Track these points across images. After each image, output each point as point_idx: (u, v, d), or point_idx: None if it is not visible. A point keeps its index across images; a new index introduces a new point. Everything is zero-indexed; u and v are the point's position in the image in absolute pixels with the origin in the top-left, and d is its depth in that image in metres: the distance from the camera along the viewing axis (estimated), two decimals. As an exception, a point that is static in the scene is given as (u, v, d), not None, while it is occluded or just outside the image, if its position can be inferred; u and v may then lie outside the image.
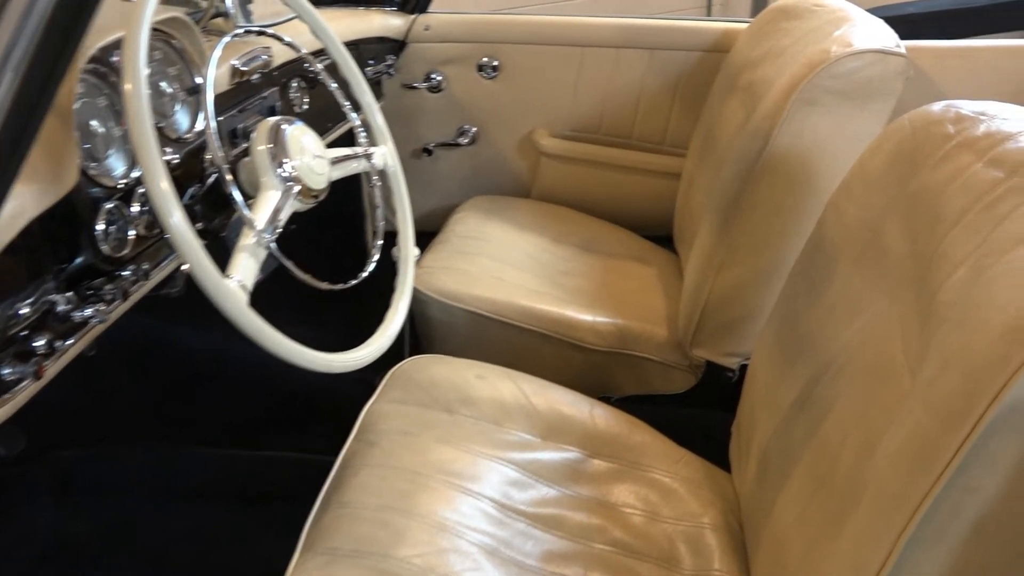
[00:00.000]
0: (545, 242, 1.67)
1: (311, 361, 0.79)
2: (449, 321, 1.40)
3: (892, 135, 0.94)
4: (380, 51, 1.70)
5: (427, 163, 1.91)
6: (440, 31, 1.75)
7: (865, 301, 0.90)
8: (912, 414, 0.66)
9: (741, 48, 1.54)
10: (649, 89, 1.74)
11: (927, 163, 0.87)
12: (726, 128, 1.44)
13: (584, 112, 1.79)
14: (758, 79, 1.36)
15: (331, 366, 0.82)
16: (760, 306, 1.29)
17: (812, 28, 1.32)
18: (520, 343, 1.40)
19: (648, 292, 1.55)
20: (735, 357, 1.35)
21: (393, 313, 0.99)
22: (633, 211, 1.84)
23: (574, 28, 1.72)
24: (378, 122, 1.10)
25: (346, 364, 0.85)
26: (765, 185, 1.20)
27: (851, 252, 0.94)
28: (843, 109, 1.15)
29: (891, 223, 0.89)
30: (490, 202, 1.80)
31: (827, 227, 1.00)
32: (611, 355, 1.40)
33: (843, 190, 0.99)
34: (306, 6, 1.00)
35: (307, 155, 0.88)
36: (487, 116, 1.84)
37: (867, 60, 1.13)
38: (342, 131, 1.53)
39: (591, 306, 1.44)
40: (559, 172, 1.84)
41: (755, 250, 1.25)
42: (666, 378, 1.41)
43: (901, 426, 0.67)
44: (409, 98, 1.83)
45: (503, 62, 1.77)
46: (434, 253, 1.54)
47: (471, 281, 1.43)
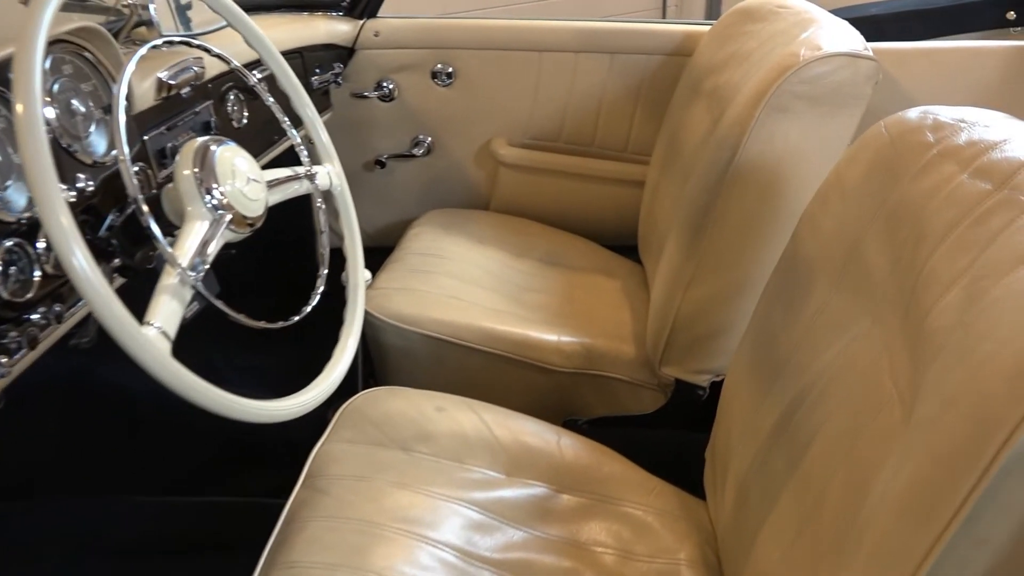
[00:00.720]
0: (506, 257, 1.59)
1: (246, 412, 0.71)
2: (406, 347, 1.33)
3: (869, 143, 0.89)
4: (327, 59, 1.61)
5: (380, 176, 1.83)
6: (391, 37, 1.67)
7: (846, 321, 0.84)
8: (912, 458, 0.60)
9: (704, 52, 1.49)
10: (610, 95, 1.68)
11: (907, 173, 0.81)
12: (691, 135, 1.39)
13: (543, 120, 1.73)
14: (723, 84, 1.31)
15: (269, 416, 0.74)
16: (731, 321, 1.23)
17: (778, 31, 1.27)
18: (482, 367, 1.32)
19: (614, 307, 1.49)
20: (706, 374, 1.29)
21: (341, 351, 0.90)
22: (596, 221, 1.78)
23: (531, 32, 1.65)
24: (322, 139, 1.02)
25: (285, 412, 0.77)
26: (735, 195, 1.14)
27: (829, 268, 0.89)
28: (813, 115, 1.10)
29: (871, 238, 0.83)
30: (447, 215, 1.72)
31: (803, 241, 0.95)
32: (577, 376, 1.33)
33: (819, 202, 0.94)
34: (237, 12, 0.92)
35: (239, 179, 0.80)
36: (442, 125, 1.76)
37: (837, 64, 1.08)
38: (287, 146, 1.44)
39: (555, 325, 1.37)
40: (519, 182, 1.77)
41: (725, 264, 1.19)
42: (635, 398, 1.35)
43: (900, 470, 0.61)
44: (359, 108, 1.75)
45: (458, 69, 1.70)
46: (388, 273, 1.46)
47: (428, 303, 1.35)
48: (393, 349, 1.34)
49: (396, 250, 1.58)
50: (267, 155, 1.39)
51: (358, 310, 0.95)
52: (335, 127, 1.76)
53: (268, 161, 1.43)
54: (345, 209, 1.01)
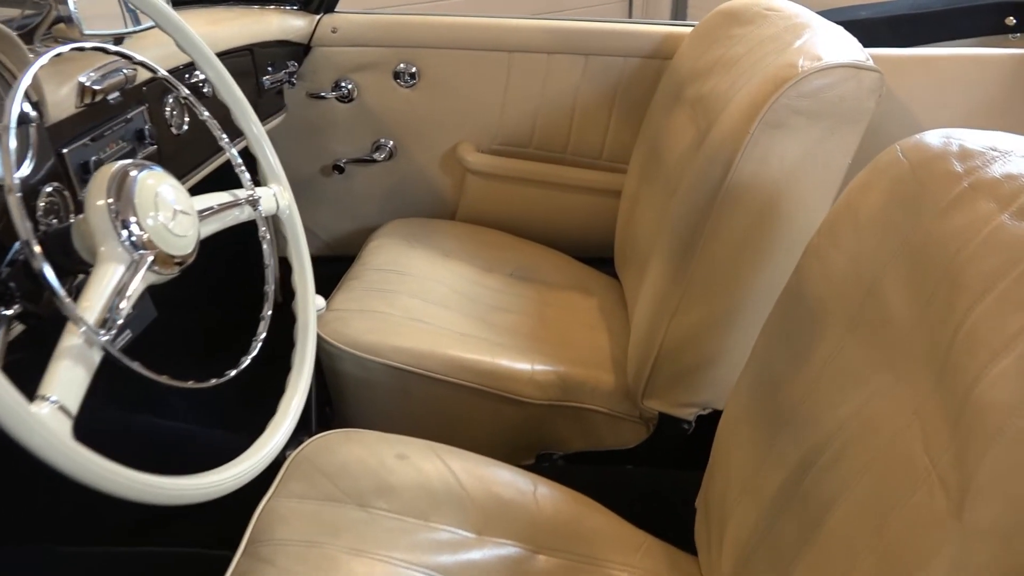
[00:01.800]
0: (474, 272, 1.48)
1: (163, 494, 0.59)
2: (365, 377, 1.21)
3: (884, 170, 0.79)
4: (280, 57, 1.48)
5: (339, 181, 1.70)
6: (349, 33, 1.54)
7: (863, 372, 0.75)
8: (967, 566, 0.51)
9: (686, 55, 1.39)
10: (584, 99, 1.58)
11: (932, 208, 0.72)
12: (674, 145, 1.29)
13: (513, 124, 1.61)
14: (708, 92, 1.21)
15: (193, 495, 0.63)
16: (721, 352, 1.14)
17: (767, 36, 1.17)
18: (449, 399, 1.21)
19: (590, 328, 1.39)
20: (692, 408, 1.20)
21: (288, 403, 0.79)
22: (569, 232, 1.68)
23: (500, 31, 1.53)
24: (268, 157, 0.90)
25: (215, 489, 0.65)
26: (726, 218, 1.04)
27: (842, 311, 0.79)
28: (812, 132, 1.00)
29: (891, 279, 0.74)
30: (410, 226, 1.60)
31: (809, 278, 0.85)
32: (553, 408, 1.22)
33: (827, 234, 0.84)
34: (164, 10, 0.79)
35: (164, 211, 0.67)
36: (405, 129, 1.64)
37: (839, 76, 0.98)
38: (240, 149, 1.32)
39: (528, 351, 1.26)
40: (487, 190, 1.66)
41: (715, 291, 1.09)
42: (615, 431, 1.25)
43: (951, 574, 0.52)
44: (316, 109, 1.62)
45: (422, 68, 1.58)
46: (346, 292, 1.34)
47: (389, 328, 1.23)
48: (351, 379, 1.22)
49: (354, 265, 1.45)
50: (215, 161, 1.26)
51: (307, 353, 0.83)
52: (290, 129, 1.64)
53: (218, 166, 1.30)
54: (294, 236, 0.89)
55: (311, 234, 1.77)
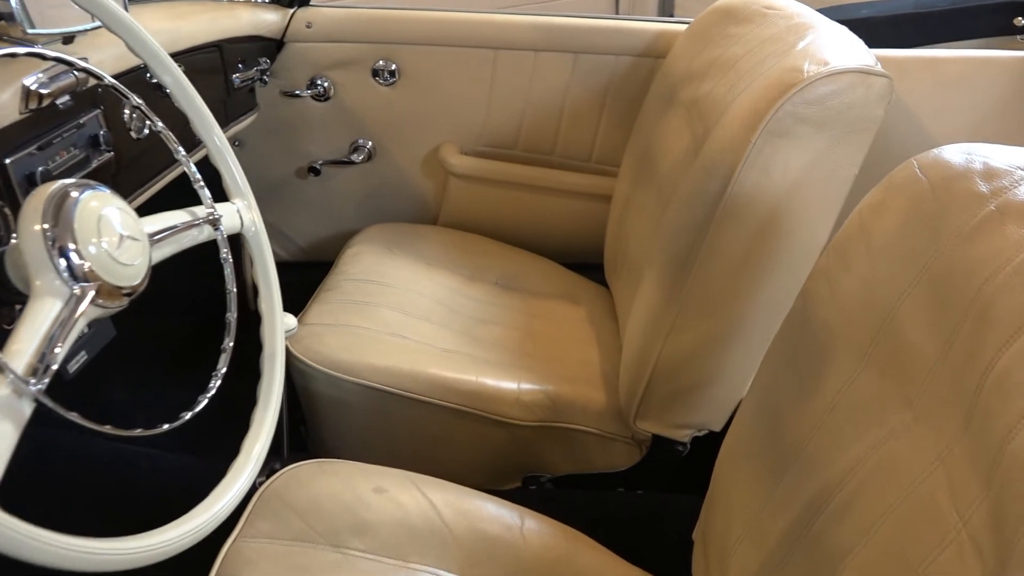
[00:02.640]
0: (456, 281, 1.41)
1: (93, 560, 0.52)
2: (340, 397, 1.14)
3: (901, 189, 0.73)
4: (251, 53, 1.40)
5: (314, 184, 1.62)
6: (325, 29, 1.46)
7: (879, 410, 0.69)
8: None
9: (680, 55, 1.32)
10: (573, 99, 1.51)
11: (955, 232, 0.66)
12: (668, 150, 1.22)
13: (498, 125, 1.54)
14: (705, 96, 1.14)
15: (132, 561, 0.56)
16: (718, 371, 1.08)
17: (768, 37, 1.11)
18: (431, 421, 1.14)
19: (579, 341, 1.32)
20: (687, 429, 1.14)
21: (251, 444, 0.72)
22: (556, 238, 1.61)
23: (485, 27, 1.46)
24: (232, 170, 0.82)
25: (162, 551, 0.58)
26: (726, 232, 0.98)
27: (854, 341, 0.73)
28: (818, 141, 0.94)
29: (910, 309, 0.68)
30: (390, 232, 1.53)
31: (817, 302, 0.79)
32: (540, 429, 1.16)
33: (837, 256, 0.78)
34: (109, 6, 0.71)
35: (109, 236, 0.60)
36: (385, 129, 1.56)
37: (847, 82, 0.92)
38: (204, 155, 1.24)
39: (514, 367, 1.19)
40: (470, 194, 1.59)
41: (713, 309, 1.03)
42: (606, 453, 1.19)
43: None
44: (290, 108, 1.54)
45: (402, 66, 1.50)
46: (320, 305, 1.26)
47: (366, 344, 1.16)
48: (326, 399, 1.15)
49: (331, 274, 1.38)
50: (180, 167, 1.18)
51: (275, 387, 0.76)
52: (262, 129, 1.56)
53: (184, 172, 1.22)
54: (260, 256, 0.82)
55: (286, 238, 1.69)
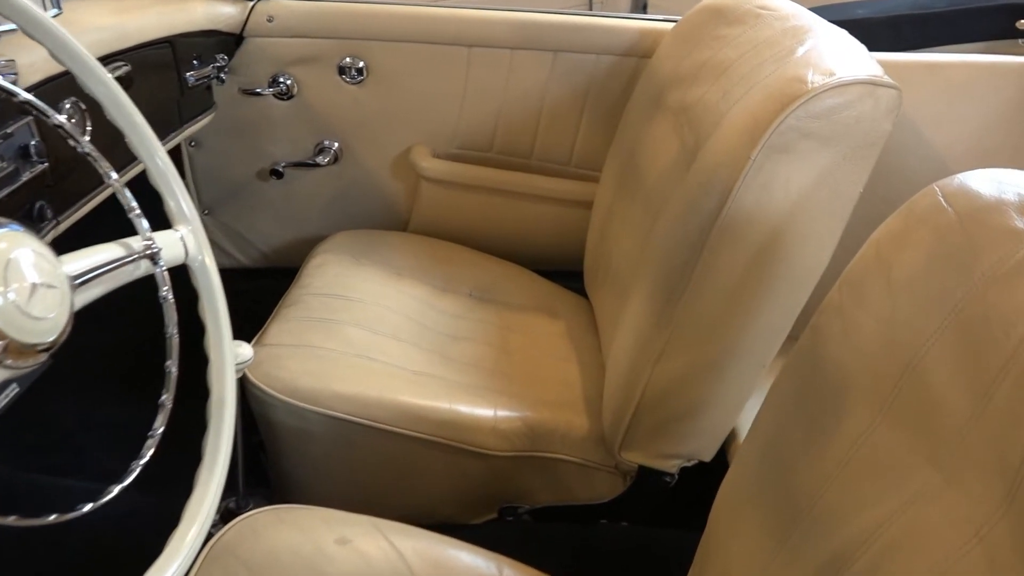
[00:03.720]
0: (428, 293, 1.33)
1: None
2: (303, 428, 1.05)
3: (923, 219, 0.66)
4: (207, 48, 1.29)
5: (277, 187, 1.52)
6: (287, 23, 1.36)
7: (903, 467, 0.62)
8: None
9: (666, 55, 1.24)
10: (552, 99, 1.42)
11: (990, 273, 0.59)
12: (655, 158, 1.14)
13: (473, 126, 1.46)
14: (695, 102, 1.07)
15: None
16: (710, 400, 1.01)
17: (763, 40, 1.03)
18: (401, 452, 1.06)
19: (559, 359, 1.25)
20: (675, 460, 1.07)
21: (195, 508, 0.63)
22: (533, 245, 1.53)
23: (458, 23, 1.37)
24: (175, 194, 0.72)
25: None
26: (722, 254, 0.90)
27: (872, 387, 0.66)
28: (823, 157, 0.87)
29: (938, 358, 0.61)
30: (357, 239, 1.44)
31: (828, 340, 0.72)
32: (518, 459, 1.08)
33: (851, 291, 0.71)
34: (24, 7, 0.61)
35: (18, 284, 0.51)
36: (352, 130, 1.47)
37: (855, 94, 0.85)
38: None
39: (491, 391, 1.11)
40: (443, 199, 1.50)
41: (706, 334, 0.96)
42: (588, 484, 1.11)
43: None
44: (251, 106, 1.44)
45: (370, 63, 1.40)
46: (281, 323, 1.17)
47: (330, 369, 1.07)
48: (286, 429, 1.06)
49: (293, 287, 1.29)
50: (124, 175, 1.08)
51: (223, 440, 0.67)
52: (221, 129, 1.45)
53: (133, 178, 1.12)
54: (208, 289, 0.72)
55: (248, 243, 1.59)
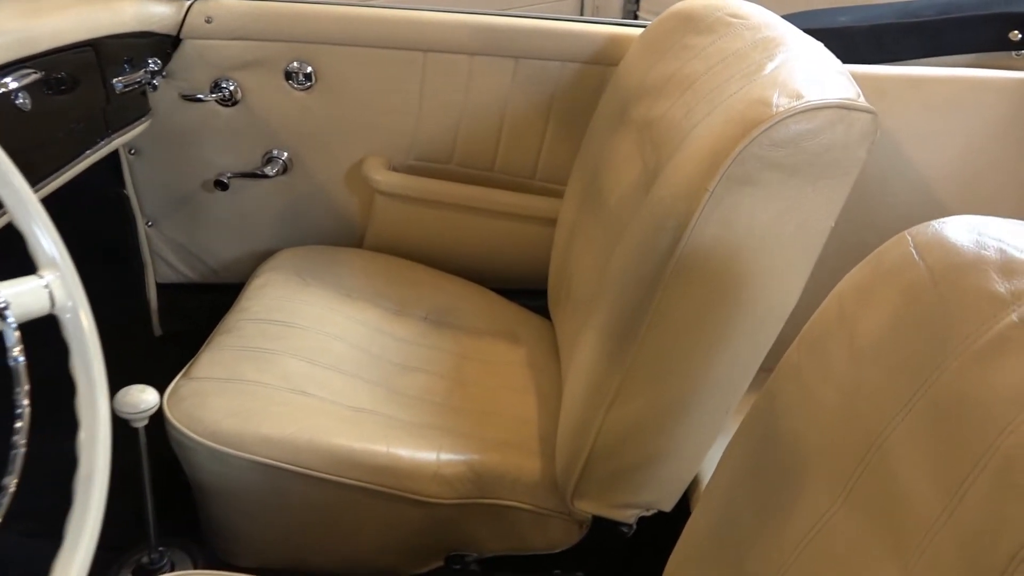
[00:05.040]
0: (380, 317, 1.24)
1: None
2: (226, 474, 0.96)
3: (893, 274, 0.58)
4: (139, 51, 1.20)
5: (224, 199, 1.43)
6: (228, 24, 1.27)
7: (865, 562, 0.54)
8: None
9: (632, 65, 1.15)
10: (515, 109, 1.34)
11: (966, 346, 0.51)
12: (617, 178, 1.06)
13: (430, 137, 1.37)
14: (658, 118, 0.98)
15: None
16: (667, 448, 0.93)
17: (732, 52, 0.95)
18: (335, 501, 0.98)
19: (516, 391, 1.16)
20: (632, 510, 0.99)
21: None
22: (496, 263, 1.44)
23: (413, 26, 1.28)
24: (33, 231, 0.62)
25: None
26: (679, 291, 0.82)
27: (832, 468, 0.58)
28: (789, 188, 0.79)
29: (903, 440, 0.53)
30: (306, 256, 1.35)
31: (785, 407, 0.64)
32: (464, 507, 1.00)
33: (809, 351, 0.62)
34: None
35: None
36: (301, 139, 1.38)
37: (825, 120, 0.76)
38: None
39: (436, 432, 1.03)
40: (399, 214, 1.41)
41: (662, 377, 0.87)
42: (542, 531, 1.03)
43: None
44: (192, 113, 1.35)
45: (319, 68, 1.31)
46: (212, 354, 1.08)
47: (259, 407, 0.99)
48: (210, 474, 0.98)
49: (231, 311, 1.20)
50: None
51: (89, 520, 0.58)
52: (162, 136, 1.36)
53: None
54: (80, 346, 0.62)
55: (194, 258, 1.50)
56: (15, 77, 0.93)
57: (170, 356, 1.14)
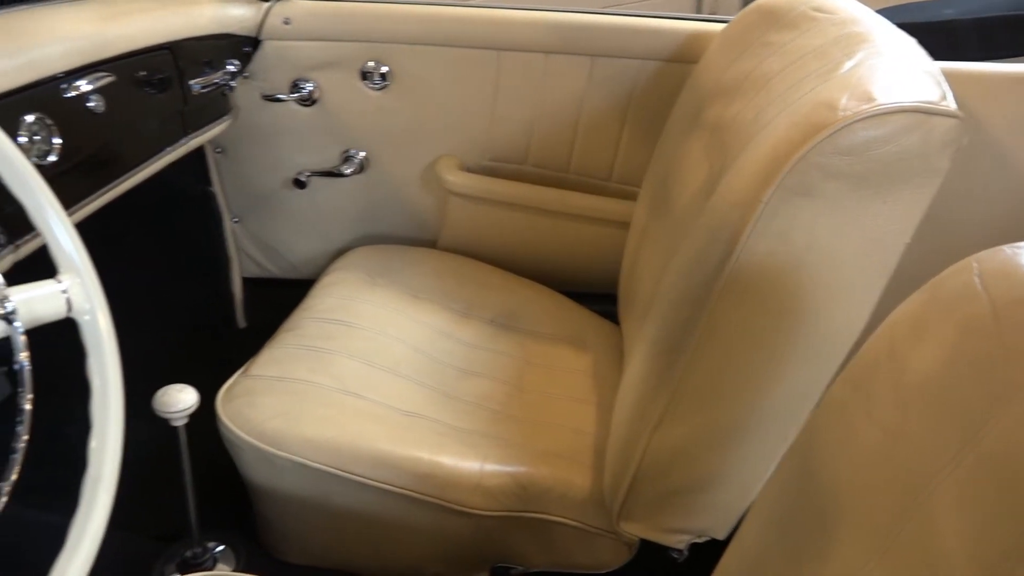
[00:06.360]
0: (446, 320, 1.23)
1: None
2: (273, 472, 0.97)
3: (949, 306, 0.51)
4: (219, 53, 1.23)
5: (303, 197, 1.46)
6: (306, 25, 1.28)
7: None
8: None
9: (712, 63, 1.09)
10: (591, 109, 1.29)
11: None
12: (685, 184, 1.00)
13: (504, 137, 1.34)
14: (729, 120, 0.92)
15: None
16: (720, 473, 0.86)
17: (811, 50, 0.87)
18: (378, 506, 0.97)
19: (576, 400, 1.12)
20: (682, 535, 0.93)
21: None
22: (569, 266, 1.40)
23: (488, 25, 1.26)
24: (53, 232, 0.62)
25: None
26: (729, 309, 0.76)
27: (869, 520, 0.52)
28: (854, 201, 0.71)
29: (949, 498, 0.46)
30: (378, 255, 1.35)
31: (825, 445, 0.57)
32: (507, 519, 0.97)
33: (854, 388, 0.56)
34: None
35: None
36: (378, 138, 1.38)
37: (898, 125, 0.68)
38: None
39: (485, 440, 1.00)
40: (472, 215, 1.39)
41: (713, 400, 0.82)
42: (589, 550, 0.99)
43: None
44: (273, 112, 1.37)
45: (394, 68, 1.31)
46: (273, 351, 1.10)
47: (307, 409, 0.99)
48: (259, 473, 0.99)
49: (298, 308, 1.21)
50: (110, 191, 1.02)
51: (91, 526, 0.58)
52: (246, 136, 1.40)
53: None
54: (98, 351, 0.63)
55: (277, 254, 1.53)
56: (89, 80, 0.96)
57: (252, 349, 1.17)
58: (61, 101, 0.92)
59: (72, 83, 0.94)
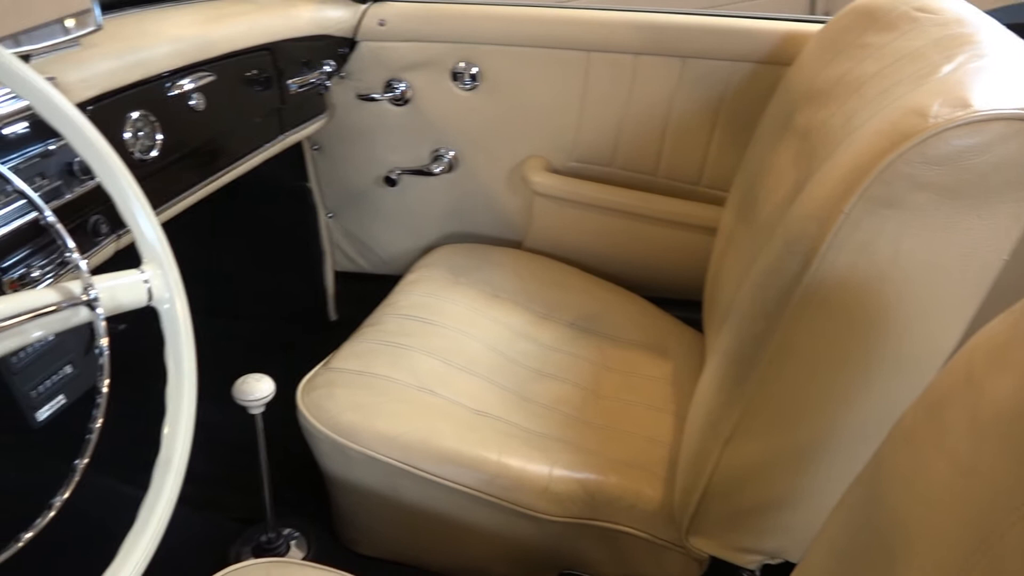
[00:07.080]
0: (525, 321, 1.23)
1: None
2: (345, 463, 1.00)
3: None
4: (316, 52, 1.27)
5: (392, 193, 1.49)
6: (399, 27, 1.31)
7: None
8: None
9: (806, 65, 1.05)
10: (681, 111, 1.26)
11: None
12: (771, 189, 0.96)
13: (592, 138, 1.33)
14: (819, 126, 0.88)
15: None
16: (795, 493, 0.83)
17: (909, 52, 0.82)
18: (445, 502, 0.98)
19: (653, 408, 1.10)
20: (754, 555, 0.90)
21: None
22: (655, 271, 1.38)
23: (577, 26, 1.25)
24: (138, 224, 0.64)
25: None
26: (805, 323, 0.73)
27: (935, 562, 0.48)
28: (945, 213, 0.67)
29: (1020, 547, 0.43)
30: (464, 253, 1.37)
31: (892, 478, 0.54)
32: (574, 526, 0.96)
33: (927, 416, 0.52)
34: None
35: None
36: (467, 138, 1.40)
37: (994, 133, 0.63)
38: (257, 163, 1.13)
39: (556, 444, 1.00)
40: (558, 216, 1.39)
41: (788, 417, 0.78)
42: (656, 563, 0.97)
43: None
44: (367, 111, 1.41)
45: (484, 68, 1.32)
46: (354, 345, 1.13)
47: (381, 404, 1.01)
48: (334, 464, 1.02)
49: (381, 305, 1.24)
50: (200, 189, 1.07)
51: (161, 504, 0.61)
52: (340, 134, 1.44)
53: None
54: (174, 337, 0.66)
55: (367, 249, 1.57)
56: (192, 79, 1.01)
57: (340, 341, 1.20)
58: (165, 99, 0.97)
59: (176, 82, 0.99)
